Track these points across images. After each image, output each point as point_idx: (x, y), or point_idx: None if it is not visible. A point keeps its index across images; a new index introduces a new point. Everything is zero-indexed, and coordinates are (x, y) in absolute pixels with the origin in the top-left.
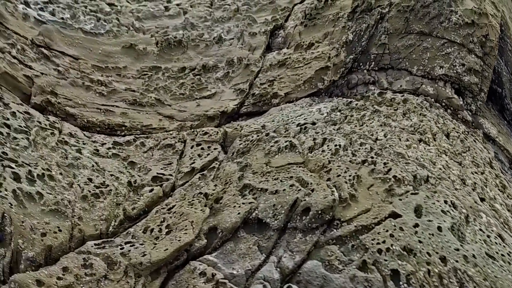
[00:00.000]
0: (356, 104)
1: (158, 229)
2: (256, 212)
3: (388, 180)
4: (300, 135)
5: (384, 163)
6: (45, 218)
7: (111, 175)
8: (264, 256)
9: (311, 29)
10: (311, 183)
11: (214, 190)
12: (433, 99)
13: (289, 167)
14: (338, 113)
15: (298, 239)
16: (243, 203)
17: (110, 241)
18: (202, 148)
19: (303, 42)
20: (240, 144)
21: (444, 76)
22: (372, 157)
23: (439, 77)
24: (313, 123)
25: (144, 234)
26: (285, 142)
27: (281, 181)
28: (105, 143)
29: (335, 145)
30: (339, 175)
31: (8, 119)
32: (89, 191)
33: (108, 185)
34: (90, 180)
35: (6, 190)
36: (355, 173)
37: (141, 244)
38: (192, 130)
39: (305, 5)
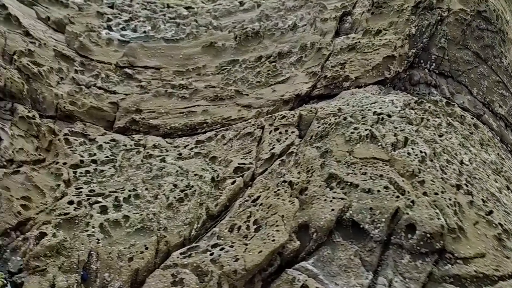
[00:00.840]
0: (429, 107)
1: (246, 226)
2: (350, 212)
3: (494, 226)
4: (378, 126)
5: (483, 200)
6: (131, 240)
7: (195, 174)
8: (370, 274)
9: (378, 16)
10: (408, 192)
11: (298, 178)
12: (498, 137)
13: (375, 162)
14: (412, 112)
15: (406, 261)
16: (334, 198)
17: (195, 247)
18: (280, 133)
19: (371, 28)
20: (318, 127)
21: (504, 118)
22: (466, 185)
23: (499, 115)
24: (389, 115)
25: (230, 233)
26: (365, 130)
27: (371, 178)
28: (188, 145)
29: (420, 151)
30: (437, 194)
31: (95, 154)
32: (174, 198)
33: (192, 186)
34: (175, 186)
35: (93, 227)
36: (454, 198)
37: (231, 246)
38: (270, 115)
39: None
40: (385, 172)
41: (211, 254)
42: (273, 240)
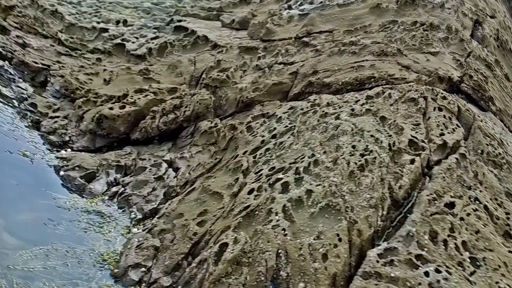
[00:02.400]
0: None
1: (453, 245)
2: None
3: None
4: None
5: None
6: (317, 224)
7: (371, 136)
8: None
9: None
10: None
11: (494, 207)
12: None
13: None
14: None
15: None
16: None
17: (393, 250)
18: (444, 117)
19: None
20: (488, 147)
21: None
22: None
23: None
24: None
25: (435, 246)
26: None
27: None
28: (358, 100)
29: None
30: None
31: (274, 128)
32: (355, 164)
33: (371, 152)
34: (354, 147)
35: (276, 213)
36: None
37: (448, 273)
38: (431, 88)
39: None
40: None
41: (426, 275)
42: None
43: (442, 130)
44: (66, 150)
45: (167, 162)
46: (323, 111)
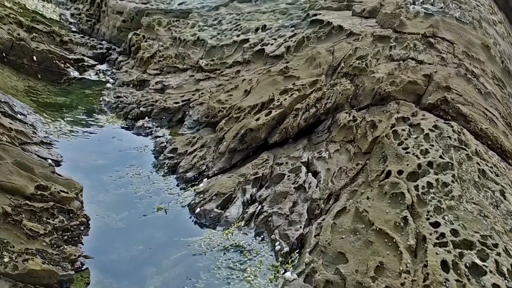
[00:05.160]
0: None
1: None
2: None
3: None
4: None
5: None
6: None
7: None
8: None
9: None
10: None
11: None
12: None
13: None
14: None
15: None
16: None
17: None
18: None
19: None
20: None
21: None
22: None
23: None
24: None
25: None
26: None
27: None
28: None
29: None
30: None
31: (426, 151)
32: None
33: None
34: None
35: None
36: None
37: None
38: None
39: None
40: None
41: None
42: None
43: None
44: (202, 182)
45: (304, 165)
46: (480, 167)
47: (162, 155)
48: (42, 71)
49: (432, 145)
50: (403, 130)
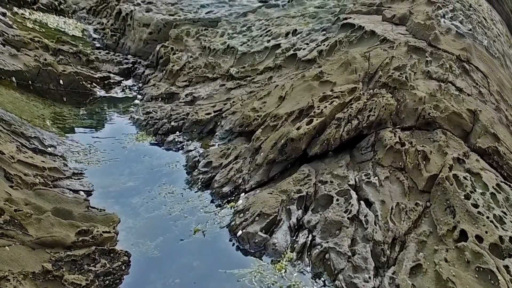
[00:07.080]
0: None
1: None
2: None
3: None
4: None
5: None
6: None
7: None
8: None
9: None
10: None
11: None
12: None
13: None
14: None
15: None
16: None
17: None
18: None
19: None
20: None
21: None
22: None
23: None
24: None
25: None
26: None
27: None
28: None
29: None
30: None
31: (500, 218)
32: None
33: None
34: None
35: None
36: None
37: None
38: None
39: None
40: None
41: None
42: None
43: None
44: (240, 198)
45: (352, 188)
46: None
47: (196, 170)
48: (68, 93)
49: (505, 214)
50: (465, 178)
